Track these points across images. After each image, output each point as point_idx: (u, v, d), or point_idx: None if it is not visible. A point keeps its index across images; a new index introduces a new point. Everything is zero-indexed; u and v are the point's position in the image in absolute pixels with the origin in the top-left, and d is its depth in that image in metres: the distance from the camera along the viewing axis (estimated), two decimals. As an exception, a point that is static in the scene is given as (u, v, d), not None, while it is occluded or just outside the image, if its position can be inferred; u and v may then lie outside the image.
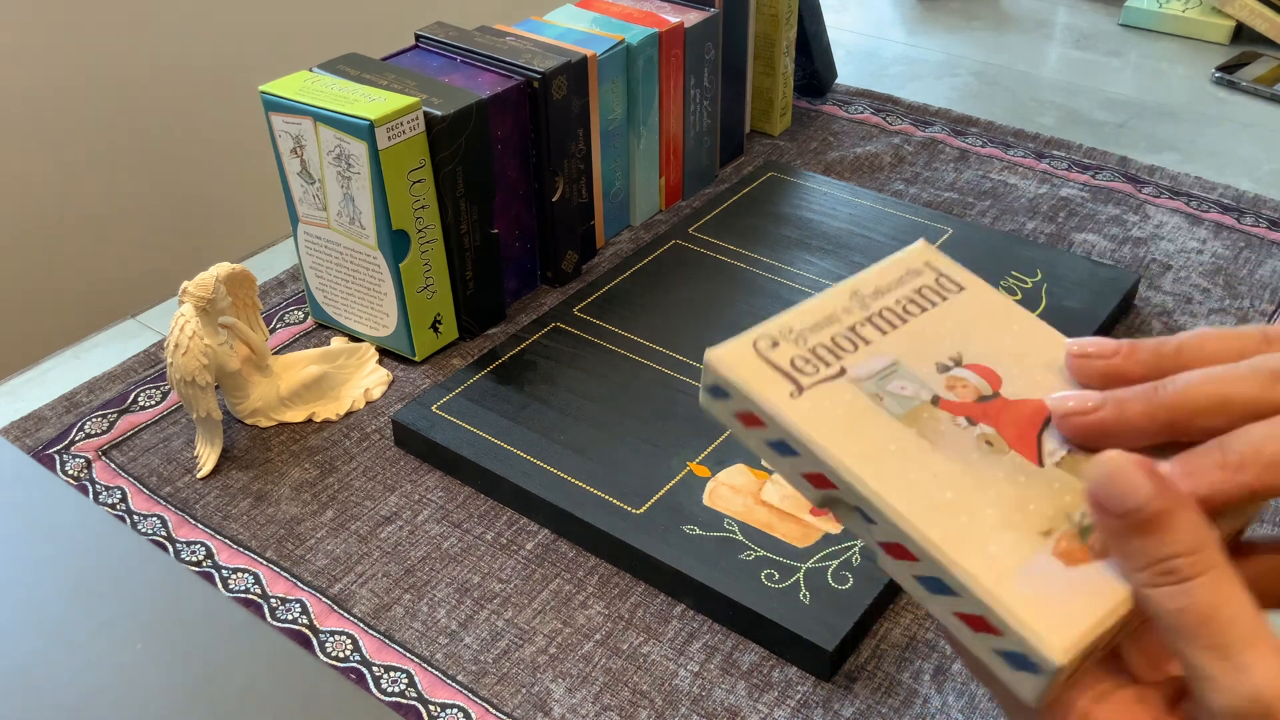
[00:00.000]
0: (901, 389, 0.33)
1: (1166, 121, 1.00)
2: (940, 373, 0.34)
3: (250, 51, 1.13)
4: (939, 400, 0.33)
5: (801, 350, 0.34)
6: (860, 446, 0.32)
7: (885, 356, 0.34)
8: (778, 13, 0.88)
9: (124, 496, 0.61)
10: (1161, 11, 1.17)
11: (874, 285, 0.36)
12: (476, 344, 0.71)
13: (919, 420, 0.33)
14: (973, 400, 0.34)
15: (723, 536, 0.55)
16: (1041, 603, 0.29)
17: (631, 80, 0.76)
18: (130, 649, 0.50)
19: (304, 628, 0.53)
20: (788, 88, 0.94)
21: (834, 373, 0.33)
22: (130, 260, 1.10)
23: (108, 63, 1.02)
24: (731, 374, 0.33)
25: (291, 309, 0.75)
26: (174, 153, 1.10)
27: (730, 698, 0.50)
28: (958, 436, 0.33)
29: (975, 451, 0.32)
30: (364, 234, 0.65)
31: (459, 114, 0.64)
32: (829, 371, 0.33)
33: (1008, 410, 0.33)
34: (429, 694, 0.50)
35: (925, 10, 1.25)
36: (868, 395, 0.33)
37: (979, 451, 0.32)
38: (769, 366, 0.33)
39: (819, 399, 0.33)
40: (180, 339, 0.59)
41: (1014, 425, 0.33)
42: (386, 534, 0.58)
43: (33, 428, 0.65)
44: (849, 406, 0.33)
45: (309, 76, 0.66)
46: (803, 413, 0.32)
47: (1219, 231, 0.82)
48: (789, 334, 0.34)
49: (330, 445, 0.64)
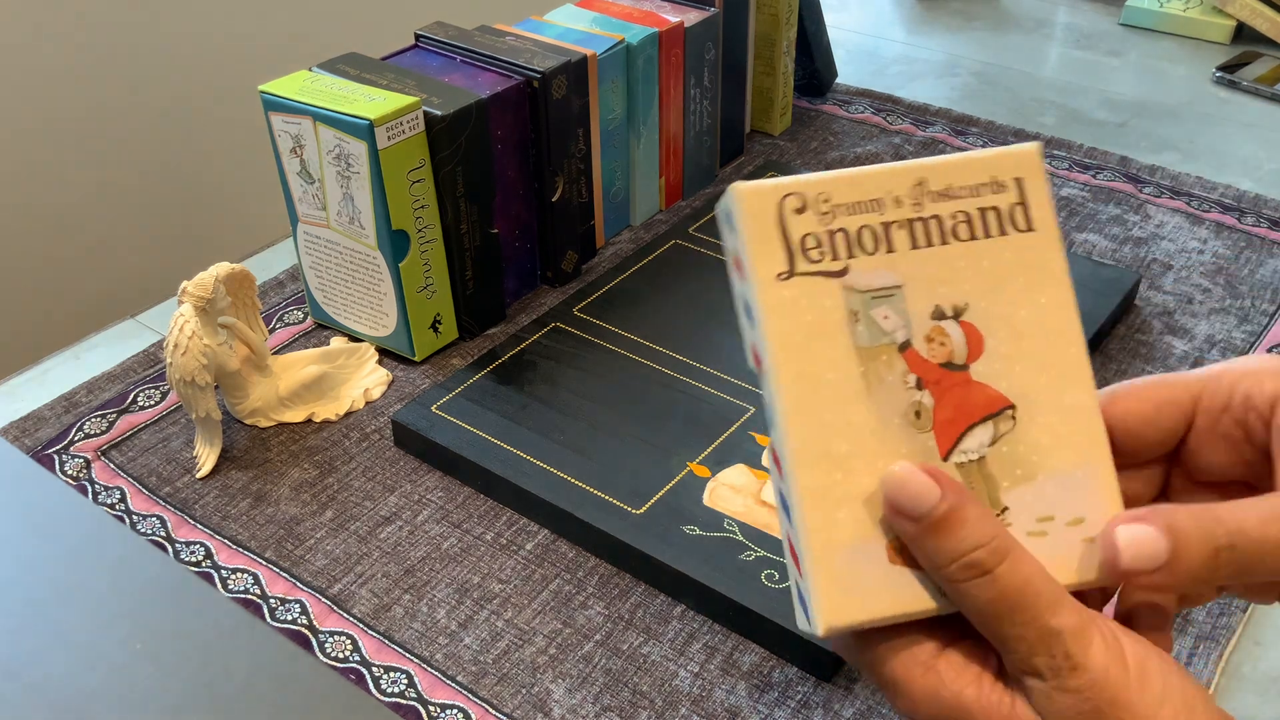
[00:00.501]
0: (884, 318, 0.33)
1: (1167, 121, 1.00)
2: (932, 318, 0.33)
3: (250, 51, 1.13)
4: (908, 347, 0.33)
5: (822, 228, 0.33)
6: (803, 363, 0.32)
7: (893, 275, 0.33)
8: (778, 12, 0.88)
9: (123, 497, 0.60)
10: (1162, 11, 1.17)
11: (946, 182, 0.33)
12: (476, 344, 0.71)
13: (874, 360, 0.32)
14: (939, 363, 0.33)
15: (723, 537, 0.54)
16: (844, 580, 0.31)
17: (631, 80, 0.76)
18: (129, 649, 0.50)
19: (303, 628, 0.53)
20: (788, 87, 0.94)
21: (835, 269, 0.32)
22: (130, 260, 1.10)
23: (107, 62, 1.02)
24: (743, 222, 0.32)
25: (291, 309, 0.75)
26: (174, 152, 1.10)
27: (730, 698, 0.50)
28: (895, 394, 0.32)
29: (898, 418, 0.32)
30: (364, 234, 0.65)
31: (459, 114, 0.64)
32: (831, 266, 0.32)
33: (961, 390, 0.33)
34: (429, 694, 0.50)
35: (925, 10, 1.25)
36: (847, 310, 0.32)
37: (902, 419, 0.32)
38: (779, 232, 0.32)
39: (801, 292, 0.32)
40: (180, 339, 0.59)
41: (955, 407, 0.33)
42: (386, 534, 0.58)
43: (32, 428, 0.65)
44: (822, 315, 0.32)
45: (309, 76, 0.66)
46: (777, 300, 0.32)
47: (1220, 231, 0.82)
48: (823, 202, 0.33)
49: (330, 445, 0.64)
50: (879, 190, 0.33)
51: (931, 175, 0.33)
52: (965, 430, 0.33)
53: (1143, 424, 0.35)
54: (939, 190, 0.33)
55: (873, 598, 0.32)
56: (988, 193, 0.34)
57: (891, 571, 0.32)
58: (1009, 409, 0.33)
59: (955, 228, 0.33)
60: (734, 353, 0.66)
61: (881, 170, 0.33)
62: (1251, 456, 0.34)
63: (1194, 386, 0.34)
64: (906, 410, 0.32)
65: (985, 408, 0.33)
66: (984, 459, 0.33)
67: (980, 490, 0.33)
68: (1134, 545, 0.31)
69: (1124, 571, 0.31)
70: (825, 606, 0.31)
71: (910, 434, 0.32)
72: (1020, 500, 0.33)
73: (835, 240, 0.33)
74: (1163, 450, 0.35)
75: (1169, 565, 0.30)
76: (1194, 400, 0.34)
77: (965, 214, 0.33)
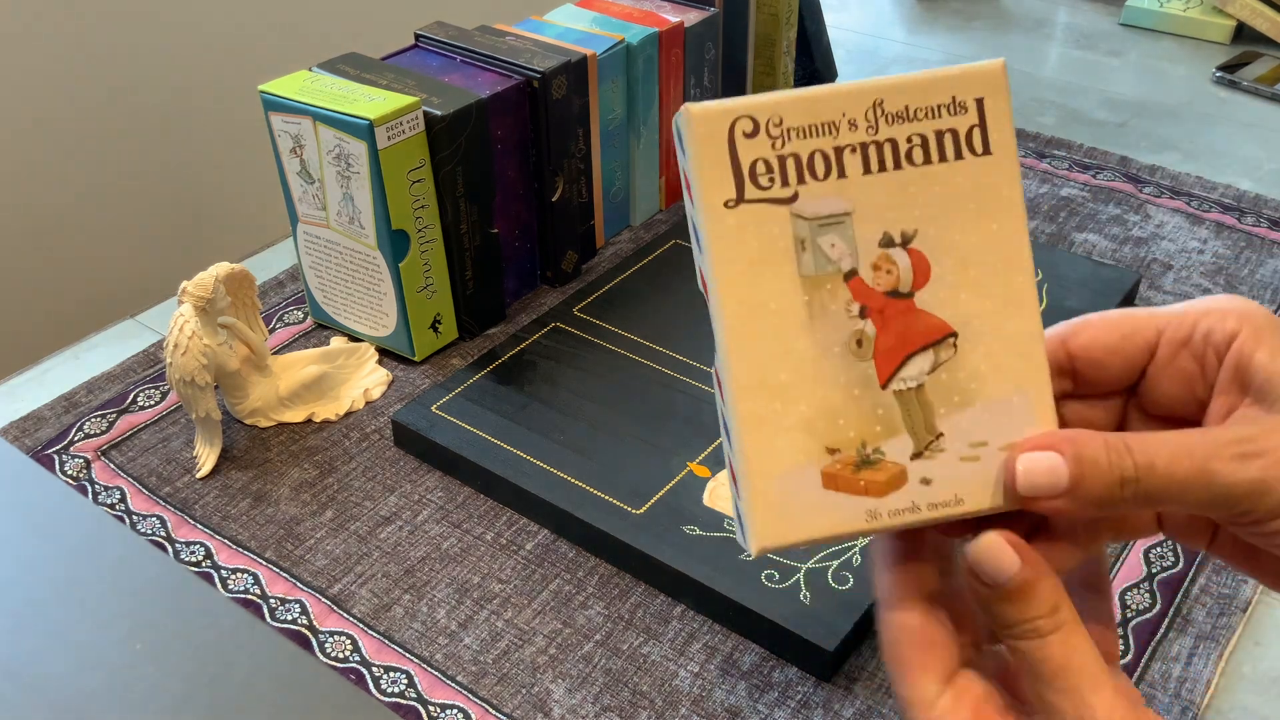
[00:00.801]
0: (831, 246, 0.33)
1: (1167, 121, 1.00)
2: (880, 245, 0.33)
3: (250, 51, 1.13)
4: (854, 275, 0.33)
5: (773, 153, 0.32)
6: (746, 291, 0.32)
7: (843, 202, 0.32)
8: (778, 12, 0.88)
9: (123, 497, 0.60)
10: (1162, 11, 1.17)
11: (904, 102, 0.33)
12: (476, 344, 0.71)
13: (818, 290, 0.33)
14: (884, 291, 0.33)
15: (723, 537, 0.54)
16: (779, 504, 0.32)
17: (631, 80, 0.76)
18: (130, 649, 0.50)
19: (303, 628, 0.53)
20: (788, 87, 0.94)
21: (784, 196, 0.32)
22: (129, 260, 1.10)
23: (107, 62, 1.02)
24: (692, 145, 0.32)
25: (291, 309, 0.75)
26: (173, 152, 1.10)
27: (730, 698, 0.50)
28: (837, 323, 0.33)
29: (839, 347, 0.33)
30: (363, 234, 0.65)
31: (459, 114, 0.64)
32: (780, 193, 0.32)
33: (904, 317, 0.33)
34: (429, 694, 0.50)
35: (925, 10, 1.25)
36: (794, 238, 0.32)
37: (842, 348, 0.33)
38: (729, 157, 0.32)
39: (748, 219, 0.32)
40: (179, 339, 0.59)
41: (896, 335, 0.33)
42: (386, 534, 0.58)
43: (32, 428, 0.65)
44: (768, 243, 0.32)
45: (309, 76, 0.66)
46: (723, 227, 0.32)
47: (1220, 231, 0.82)
48: (775, 125, 0.32)
49: (330, 445, 0.64)
50: (834, 112, 0.32)
51: (889, 95, 0.33)
52: (906, 358, 0.33)
53: (1106, 353, 0.35)
54: (896, 111, 0.33)
55: (804, 520, 0.33)
56: (946, 114, 0.33)
57: (825, 496, 0.33)
58: (951, 336, 0.33)
59: (910, 152, 0.33)
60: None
61: (838, 90, 0.33)
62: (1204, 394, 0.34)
63: (1159, 320, 0.35)
64: (848, 339, 0.33)
65: (926, 335, 0.33)
66: (922, 386, 0.33)
67: (917, 416, 0.33)
68: (1031, 472, 0.32)
69: (1020, 496, 0.32)
70: (759, 528, 0.32)
71: (850, 363, 0.33)
72: (955, 426, 0.33)
73: (786, 166, 0.32)
74: (1124, 382, 0.36)
75: (1071, 491, 0.31)
76: (1157, 333, 0.35)
77: (921, 137, 0.33)
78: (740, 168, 0.32)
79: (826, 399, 0.33)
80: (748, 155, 0.32)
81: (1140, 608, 0.53)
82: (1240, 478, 0.31)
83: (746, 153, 0.32)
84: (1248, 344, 0.33)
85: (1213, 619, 0.53)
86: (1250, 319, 0.33)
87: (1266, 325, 0.33)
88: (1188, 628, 0.53)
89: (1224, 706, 0.50)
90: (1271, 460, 0.31)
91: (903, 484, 0.33)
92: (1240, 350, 0.33)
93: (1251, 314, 0.33)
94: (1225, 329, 0.33)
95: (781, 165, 0.32)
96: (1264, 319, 0.33)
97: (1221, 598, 0.54)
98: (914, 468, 0.33)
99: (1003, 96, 0.33)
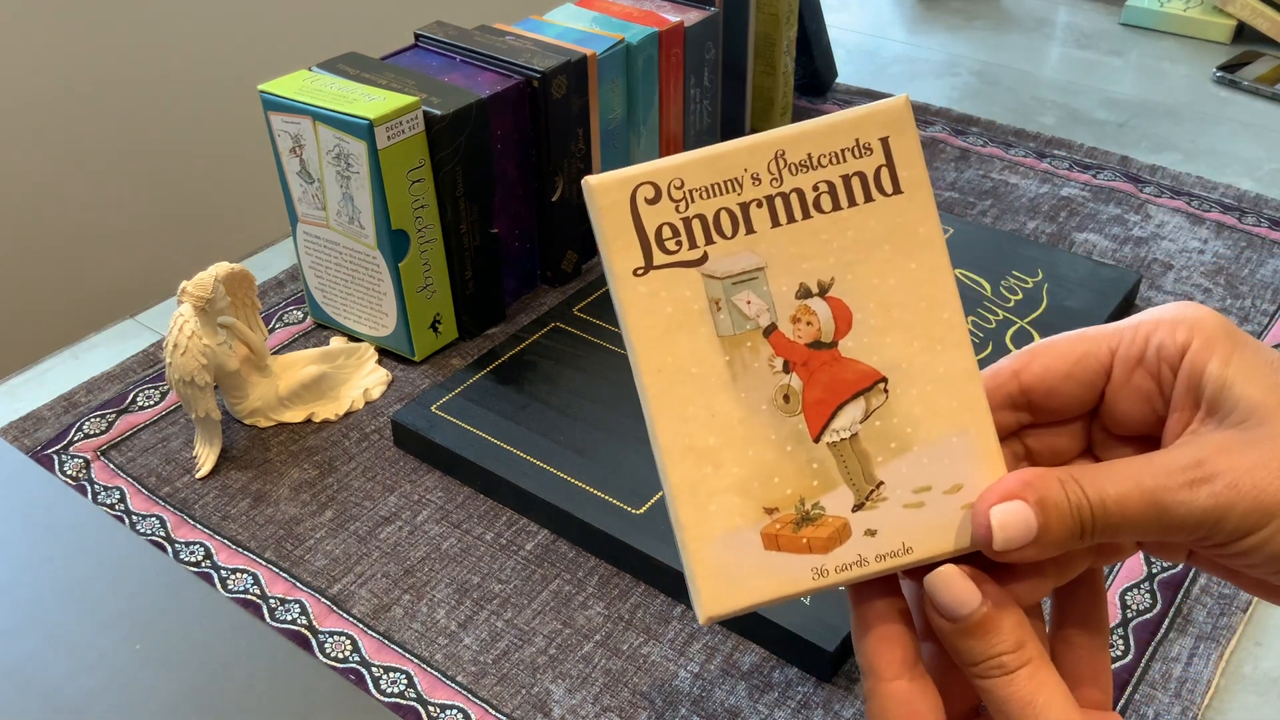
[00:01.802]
0: (746, 304, 0.32)
1: (1168, 121, 1.00)
2: (797, 297, 0.32)
3: (250, 51, 1.13)
4: (773, 330, 0.32)
5: (678, 217, 0.32)
6: (665, 357, 0.32)
7: (755, 258, 0.32)
8: (778, 12, 0.88)
9: (123, 497, 0.60)
10: (1162, 11, 1.17)
11: (806, 151, 0.32)
12: (476, 344, 0.71)
13: (738, 348, 0.32)
14: (806, 343, 0.33)
15: (723, 537, 0.54)
16: (720, 570, 0.32)
17: (631, 79, 0.76)
18: (129, 649, 0.50)
19: (303, 628, 0.53)
20: (788, 87, 0.94)
21: (693, 258, 0.32)
22: (129, 260, 1.10)
23: (106, 62, 1.02)
24: (596, 218, 0.32)
25: (291, 309, 0.75)
26: (173, 152, 1.10)
27: (730, 699, 0.50)
28: (762, 380, 0.32)
29: (766, 404, 0.32)
30: (363, 233, 0.65)
31: (458, 113, 0.64)
32: (689, 255, 0.32)
33: (830, 368, 0.33)
34: (428, 695, 0.50)
35: (925, 9, 1.25)
36: (708, 299, 0.32)
37: (770, 405, 0.32)
38: (634, 225, 0.32)
39: (660, 285, 0.32)
40: (179, 339, 0.59)
41: (824, 386, 0.32)
42: (386, 534, 0.58)
43: (31, 428, 0.65)
44: (682, 306, 0.32)
45: (308, 76, 0.66)
46: (636, 295, 0.32)
47: (1220, 231, 0.82)
48: (677, 189, 0.32)
49: (329, 445, 0.64)
50: (735, 169, 0.32)
51: (790, 145, 0.32)
52: (836, 409, 0.33)
53: (1061, 380, 0.34)
54: (798, 161, 0.32)
55: (749, 584, 0.32)
56: (851, 157, 0.32)
57: (766, 558, 0.32)
58: (880, 382, 0.33)
59: (818, 199, 0.32)
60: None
61: (737, 147, 0.32)
62: (1163, 410, 0.33)
63: (1111, 340, 0.34)
64: (774, 395, 0.32)
65: (855, 384, 0.33)
66: (856, 435, 0.33)
67: (854, 466, 0.33)
68: (1006, 526, 0.31)
69: (997, 552, 0.31)
70: (704, 597, 0.32)
71: (779, 419, 0.32)
72: (895, 473, 0.33)
73: (692, 227, 0.32)
74: (1084, 407, 0.35)
75: (1037, 540, 0.31)
76: (1110, 353, 0.34)
77: (828, 183, 0.32)
78: (646, 234, 0.32)
79: (759, 458, 0.32)
80: (652, 221, 0.32)
81: (1141, 608, 0.53)
82: (1192, 507, 0.30)
83: (650, 219, 0.32)
84: (1200, 355, 0.32)
85: (1213, 619, 0.53)
86: (1201, 327, 0.32)
87: (1218, 332, 0.32)
88: (1188, 628, 0.53)
89: (1224, 707, 0.50)
90: (1223, 485, 0.29)
91: (847, 538, 0.32)
92: (1192, 362, 0.32)
93: (1202, 321, 0.32)
94: (1176, 341, 0.32)
95: (687, 227, 0.32)
96: (1215, 326, 0.32)
97: (1222, 598, 0.54)
98: (857, 520, 0.32)
99: (908, 133, 0.33)
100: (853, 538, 0.33)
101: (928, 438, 0.33)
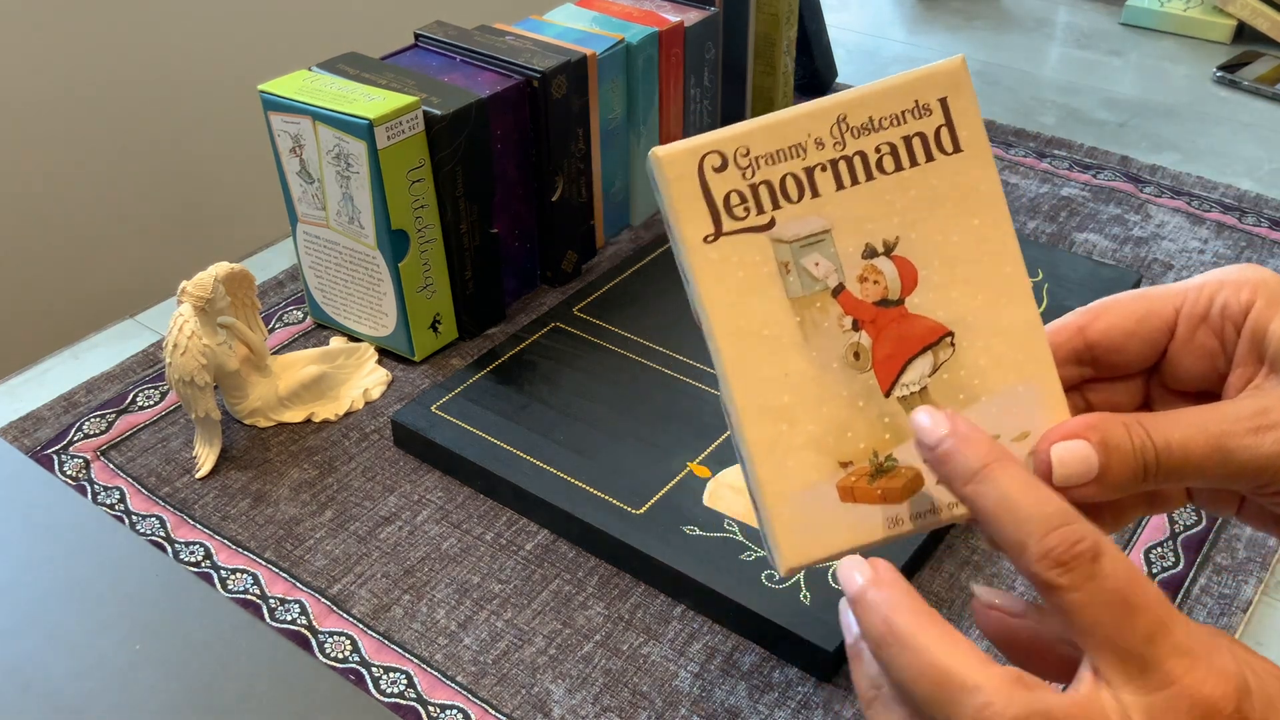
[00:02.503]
0: (814, 265, 0.33)
1: (1168, 121, 1.00)
2: (863, 257, 0.33)
3: (250, 51, 1.13)
4: (842, 289, 0.33)
5: (745, 184, 0.33)
6: (739, 320, 0.33)
7: (821, 221, 0.33)
8: (778, 12, 0.88)
9: (122, 497, 0.60)
10: (1163, 11, 1.17)
11: (868, 115, 0.33)
12: (476, 344, 0.71)
13: (808, 309, 0.33)
14: (873, 301, 0.33)
15: (723, 537, 0.54)
16: (799, 523, 0.33)
17: (631, 79, 0.76)
18: (129, 649, 0.50)
19: (303, 628, 0.53)
20: (788, 87, 0.94)
21: (761, 223, 0.33)
22: (129, 260, 1.10)
23: (107, 62, 1.02)
24: (666, 188, 0.33)
25: (290, 309, 0.75)
26: (173, 152, 1.10)
27: (730, 699, 0.50)
28: (832, 339, 0.33)
29: (837, 362, 0.33)
30: (363, 233, 0.65)
31: (458, 113, 0.64)
32: (757, 220, 0.33)
33: (898, 324, 0.33)
34: (428, 695, 0.50)
35: (925, 9, 1.25)
36: (777, 263, 0.33)
37: (840, 363, 0.33)
38: (702, 194, 0.33)
39: (730, 251, 0.33)
40: (179, 339, 0.59)
41: (893, 342, 0.33)
42: (386, 534, 0.58)
43: (31, 428, 0.65)
44: (752, 270, 0.33)
45: (308, 76, 0.66)
46: (707, 261, 0.33)
47: (1220, 231, 0.82)
48: (743, 156, 0.33)
49: (329, 445, 0.64)
50: (799, 135, 0.33)
51: (851, 110, 0.33)
52: (905, 364, 0.33)
53: (1125, 338, 0.35)
54: (860, 124, 0.33)
55: (827, 536, 0.33)
56: (911, 119, 0.33)
57: (842, 510, 0.33)
58: (947, 336, 0.34)
59: (880, 161, 0.33)
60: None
61: (801, 113, 0.33)
62: (1225, 368, 0.34)
63: (1175, 299, 0.35)
64: (845, 353, 0.33)
65: (923, 339, 0.33)
66: (925, 389, 0.33)
67: None
68: (1065, 463, 0.31)
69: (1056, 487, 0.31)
70: (785, 550, 0.33)
71: (851, 376, 0.33)
72: None
73: (759, 193, 0.33)
74: (1146, 363, 0.36)
75: (1099, 479, 0.31)
76: (1175, 311, 0.35)
77: (890, 145, 0.33)
78: (714, 202, 0.33)
79: (832, 415, 0.33)
80: (720, 189, 0.33)
81: (1141, 608, 0.53)
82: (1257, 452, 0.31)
83: (719, 187, 0.33)
84: (1263, 314, 0.33)
85: (1213, 619, 0.53)
86: (1265, 287, 0.33)
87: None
88: (1188, 628, 0.52)
89: (1224, 707, 0.50)
90: None
91: (919, 487, 0.34)
92: (1256, 320, 0.33)
93: (1267, 282, 0.34)
94: (1240, 300, 0.34)
95: (755, 193, 0.33)
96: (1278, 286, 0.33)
97: (1222, 598, 0.54)
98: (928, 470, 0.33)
99: (966, 93, 0.34)
100: (925, 487, 0.34)
101: (994, 388, 0.34)
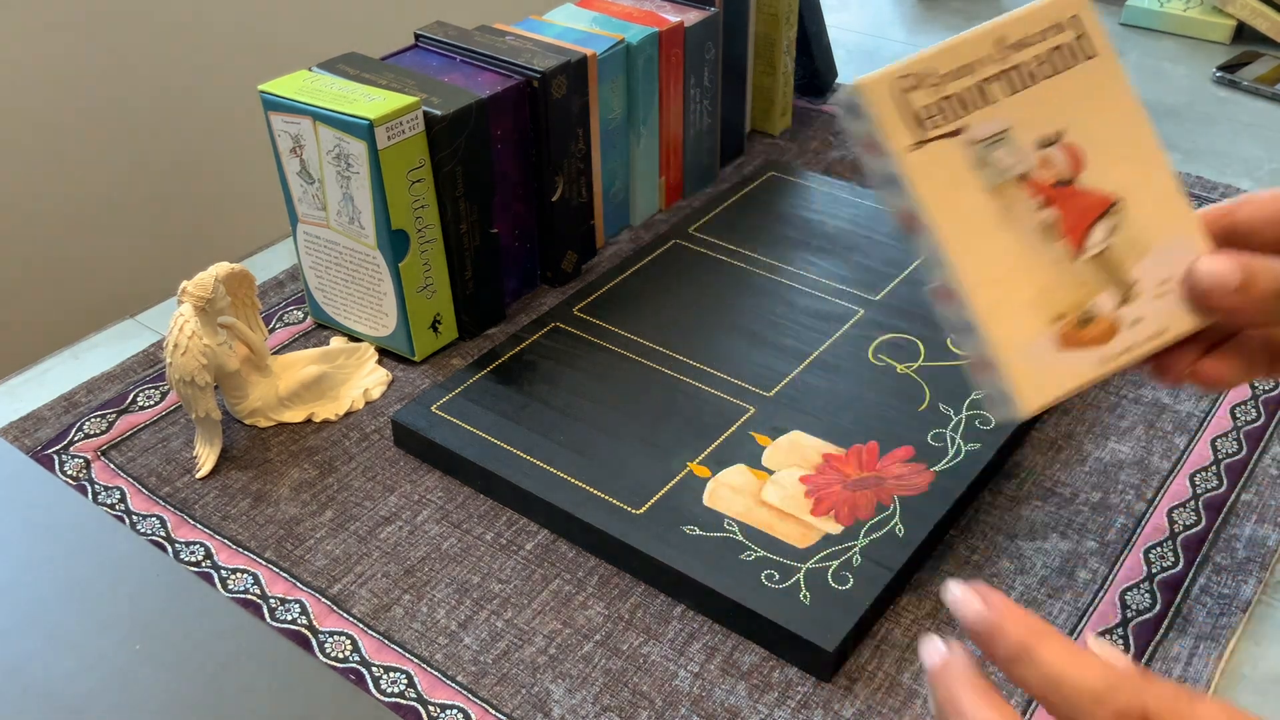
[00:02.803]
0: (1001, 160, 0.40)
1: (1167, 121, 1.00)
2: (1038, 147, 0.40)
3: (250, 51, 1.13)
4: (1027, 176, 0.40)
5: (934, 99, 0.39)
6: (950, 210, 0.39)
7: (1000, 121, 0.39)
8: (778, 12, 0.88)
9: (123, 497, 0.60)
10: (1162, 11, 1.17)
11: (1020, 34, 0.40)
12: (476, 344, 0.71)
13: (1003, 195, 0.40)
14: (1051, 183, 0.40)
15: (723, 537, 0.54)
16: (1031, 371, 0.40)
17: (631, 80, 0.76)
18: (129, 649, 0.50)
19: (303, 628, 0.53)
20: (788, 87, 0.94)
21: (952, 130, 0.39)
22: (130, 260, 1.10)
23: (107, 62, 1.02)
24: (870, 108, 0.38)
25: (291, 309, 0.75)
26: (173, 152, 1.10)
27: (730, 698, 0.50)
28: (1026, 216, 0.40)
29: (1034, 233, 0.40)
30: (363, 234, 0.65)
31: (459, 113, 0.64)
32: (949, 127, 0.39)
33: (1074, 199, 0.40)
34: (428, 695, 0.50)
35: (925, 9, 1.25)
36: (972, 160, 0.39)
37: (1037, 234, 0.40)
38: (901, 109, 0.39)
39: (932, 155, 0.39)
40: (179, 339, 0.59)
41: (1074, 213, 0.40)
42: (386, 534, 0.58)
43: (31, 428, 0.65)
44: (953, 168, 0.39)
45: (308, 76, 0.66)
46: (916, 164, 0.39)
47: (1220, 231, 0.82)
48: (930, 77, 0.39)
49: (329, 445, 0.64)
50: (970, 55, 0.39)
51: (1006, 31, 0.40)
52: (1088, 229, 0.40)
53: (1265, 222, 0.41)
54: (1015, 43, 0.40)
55: (1057, 378, 0.40)
56: (1054, 34, 0.40)
57: (1064, 355, 0.40)
58: (1116, 204, 0.41)
59: (1035, 69, 0.40)
60: (734, 353, 0.66)
61: (967, 39, 0.39)
62: None
63: None
64: (1038, 228, 0.40)
65: (1098, 208, 0.41)
66: (1109, 248, 0.41)
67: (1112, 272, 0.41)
68: (1210, 274, 0.39)
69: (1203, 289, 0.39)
70: (1024, 394, 0.40)
71: (1048, 245, 0.40)
72: (1143, 272, 0.41)
73: (946, 106, 0.39)
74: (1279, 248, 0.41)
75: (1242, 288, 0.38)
76: None
77: (1041, 56, 0.40)
78: (913, 115, 0.39)
79: (1040, 279, 0.40)
80: (915, 104, 0.39)
81: (1140, 608, 0.53)
82: None
83: (914, 102, 0.39)
84: None
85: (1213, 619, 0.53)
86: None
87: None
88: (1188, 628, 0.53)
89: (1224, 706, 0.50)
90: None
91: (1120, 328, 0.41)
92: None
93: None
94: None
95: (943, 107, 0.39)
96: None
97: (1222, 598, 0.54)
98: (1124, 314, 0.41)
99: (1089, 10, 0.41)
100: (1124, 327, 0.41)
101: (1159, 241, 0.41)
